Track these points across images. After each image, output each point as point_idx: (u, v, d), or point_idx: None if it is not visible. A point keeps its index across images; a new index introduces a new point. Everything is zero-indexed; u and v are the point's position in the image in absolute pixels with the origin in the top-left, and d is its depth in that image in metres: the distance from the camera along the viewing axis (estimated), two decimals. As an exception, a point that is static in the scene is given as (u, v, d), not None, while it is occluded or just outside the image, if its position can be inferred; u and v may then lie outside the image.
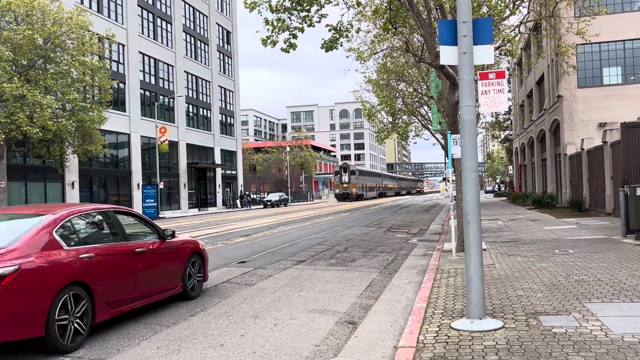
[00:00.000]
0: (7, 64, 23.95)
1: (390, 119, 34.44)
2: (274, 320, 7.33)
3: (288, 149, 78.66)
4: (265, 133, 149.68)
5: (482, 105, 6.91)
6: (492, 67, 16.03)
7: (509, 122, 61.01)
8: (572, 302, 7.10)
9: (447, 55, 6.59)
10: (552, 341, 5.45)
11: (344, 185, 77.75)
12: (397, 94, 30.17)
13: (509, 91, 53.70)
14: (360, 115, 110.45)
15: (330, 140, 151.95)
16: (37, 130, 23.92)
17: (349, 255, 14.22)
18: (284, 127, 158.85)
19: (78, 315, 6.15)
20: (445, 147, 23.55)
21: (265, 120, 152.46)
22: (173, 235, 8.48)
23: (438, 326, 6.26)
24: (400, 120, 34.35)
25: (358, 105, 73.04)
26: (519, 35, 19.62)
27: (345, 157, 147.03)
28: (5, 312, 5.38)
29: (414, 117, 33.59)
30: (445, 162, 24.85)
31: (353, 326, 6.97)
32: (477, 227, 6.31)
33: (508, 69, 45.67)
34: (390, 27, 13.00)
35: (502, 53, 18.82)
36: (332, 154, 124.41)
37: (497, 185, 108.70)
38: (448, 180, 14.01)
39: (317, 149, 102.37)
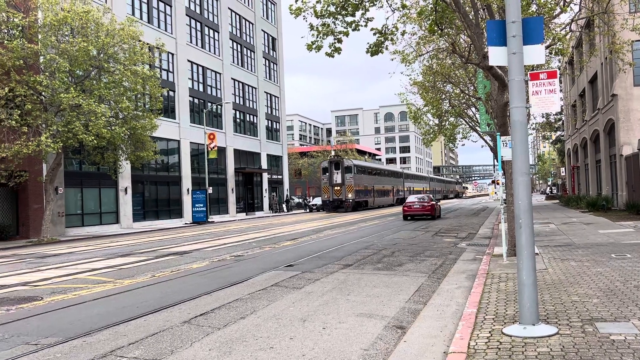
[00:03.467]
0: (64, 75, 25.03)
1: (437, 121, 34.00)
2: (322, 323, 7.37)
3: (333, 153, 78.75)
4: (310, 137, 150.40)
5: (534, 106, 6.75)
6: (542, 66, 15.60)
7: (560, 122, 59.20)
8: (631, 308, 6.85)
9: (496, 56, 6.49)
10: (610, 349, 5.27)
11: (335, 188, 53.00)
12: (444, 96, 29.76)
13: (560, 90, 52.10)
14: (406, 118, 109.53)
15: (375, 144, 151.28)
16: (92, 138, 24.86)
17: (396, 259, 14.14)
18: (329, 131, 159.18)
19: (438, 212, 35.67)
20: (494, 149, 23.11)
21: (310, 124, 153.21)
22: (438, 201, 43.97)
23: (489, 332, 6.15)
24: (447, 122, 33.87)
25: (403, 108, 72.14)
26: (570, 33, 19.04)
27: (391, 160, 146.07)
28: (434, 209, 33.86)
29: (461, 119, 33.07)
30: (494, 165, 24.38)
31: (402, 331, 6.93)
32: (530, 231, 6.18)
33: (559, 68, 44.35)
34: (436, 28, 12.88)
35: (553, 52, 18.33)
36: (377, 157, 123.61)
37: (548, 188, 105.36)
38: (498, 183, 13.74)
39: (362, 152, 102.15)
